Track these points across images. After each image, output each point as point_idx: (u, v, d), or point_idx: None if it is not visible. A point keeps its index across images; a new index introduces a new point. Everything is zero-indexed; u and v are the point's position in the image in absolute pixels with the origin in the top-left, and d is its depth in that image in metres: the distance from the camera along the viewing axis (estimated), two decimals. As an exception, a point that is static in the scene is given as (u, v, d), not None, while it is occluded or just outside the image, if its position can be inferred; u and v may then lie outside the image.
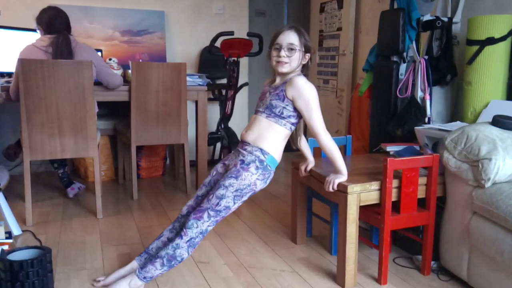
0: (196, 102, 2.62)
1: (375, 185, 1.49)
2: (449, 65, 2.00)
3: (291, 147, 1.60)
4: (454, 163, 1.48)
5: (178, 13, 3.30)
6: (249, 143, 1.46)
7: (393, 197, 1.49)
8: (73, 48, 2.13)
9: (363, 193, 1.47)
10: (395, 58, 2.11)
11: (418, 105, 1.96)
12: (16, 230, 1.89)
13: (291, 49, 1.42)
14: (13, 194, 2.45)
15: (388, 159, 1.44)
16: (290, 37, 1.43)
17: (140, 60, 3.05)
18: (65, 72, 2.00)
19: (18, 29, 2.59)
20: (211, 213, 1.41)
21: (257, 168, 1.43)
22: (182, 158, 2.64)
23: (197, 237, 1.40)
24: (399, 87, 2.05)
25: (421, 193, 1.55)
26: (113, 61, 2.56)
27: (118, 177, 2.82)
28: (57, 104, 2.01)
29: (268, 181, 1.48)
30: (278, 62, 1.44)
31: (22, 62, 1.93)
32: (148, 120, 2.40)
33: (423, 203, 1.57)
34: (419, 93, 1.98)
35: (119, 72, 2.55)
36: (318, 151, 1.91)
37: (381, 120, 2.13)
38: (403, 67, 2.09)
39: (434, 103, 2.01)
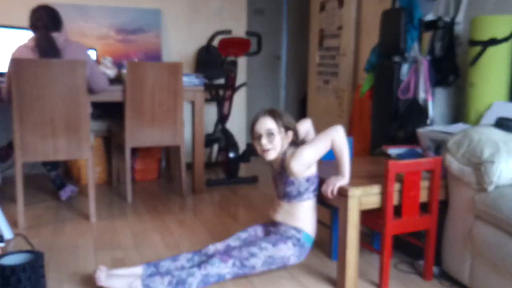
0: (193, 103, 2.58)
1: (376, 189, 1.46)
2: (452, 66, 1.98)
3: None
4: (456, 166, 1.46)
5: (175, 11, 3.26)
6: (281, 223, 1.52)
7: (395, 201, 1.47)
8: (63, 47, 2.09)
9: (364, 197, 1.44)
10: (397, 59, 2.08)
11: (420, 106, 1.93)
12: (8, 234, 1.86)
13: (270, 134, 1.45)
14: (5, 196, 2.41)
15: (390, 162, 1.41)
16: (266, 123, 1.45)
17: (135, 60, 3.01)
18: (58, 72, 1.96)
19: (12, 28, 2.54)
20: (237, 263, 1.42)
21: (294, 245, 1.47)
22: (178, 160, 2.61)
23: (213, 277, 1.39)
24: (401, 88, 2.02)
25: (423, 196, 1.53)
26: (108, 60, 2.52)
27: (112, 180, 2.79)
28: (50, 105, 1.98)
29: (302, 258, 1.52)
30: (262, 151, 1.46)
31: (15, 62, 1.90)
32: (143, 121, 2.36)
33: (425, 207, 1.55)
34: (421, 94, 1.95)
35: (113, 71, 2.50)
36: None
37: (382, 121, 2.11)
38: (405, 67, 2.06)
39: (436, 104, 1.99)
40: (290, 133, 1.49)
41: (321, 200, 1.71)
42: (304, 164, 1.44)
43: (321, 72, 3.43)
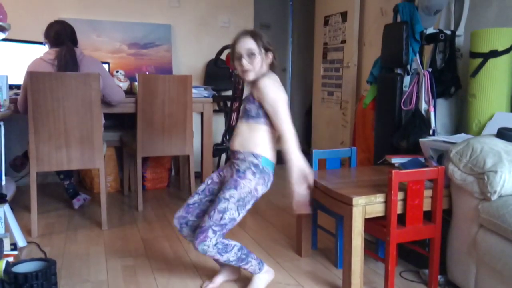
0: (202, 114, 2.64)
1: (380, 198, 1.48)
2: (453, 78, 2.01)
3: None
4: (459, 176, 1.48)
5: (184, 26, 3.36)
6: (239, 151, 1.44)
7: (399, 210, 1.49)
8: (79, 61, 2.16)
9: (368, 206, 1.47)
10: (399, 71, 2.12)
11: (423, 117, 1.96)
12: (21, 242, 1.89)
13: (251, 54, 1.41)
14: (20, 205, 2.47)
15: (393, 171, 1.43)
16: (247, 43, 1.41)
17: (147, 73, 3.10)
18: (73, 84, 2.03)
19: (27, 42, 2.65)
20: (216, 228, 1.38)
21: (253, 173, 1.41)
22: (187, 170, 2.65)
23: (217, 248, 1.37)
24: (403, 99, 2.05)
25: (426, 205, 1.54)
26: (120, 73, 2.60)
27: (124, 188, 2.83)
28: (65, 116, 2.04)
29: (269, 184, 1.46)
30: (242, 72, 1.43)
31: (31, 75, 1.97)
32: (154, 131, 2.42)
33: (429, 216, 1.56)
34: (423, 105, 1.98)
35: (126, 84, 2.58)
36: (323, 163, 1.91)
37: (385, 132, 2.13)
38: (407, 79, 2.10)
39: (438, 115, 2.01)
40: (270, 55, 1.45)
41: (326, 208, 1.74)
42: (268, 92, 1.38)
43: (325, 84, 3.48)
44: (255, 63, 1.41)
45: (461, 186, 1.48)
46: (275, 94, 1.39)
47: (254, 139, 1.43)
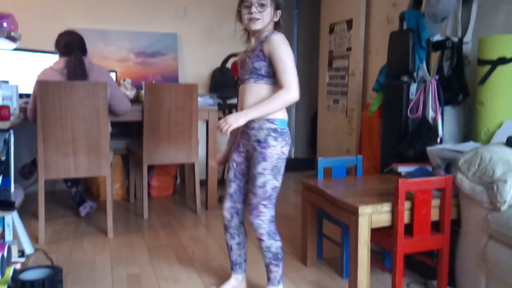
0: (207, 122, 2.65)
1: (386, 207, 1.46)
2: (461, 85, 1.99)
3: (298, 168, 1.59)
4: (468, 185, 1.45)
5: (191, 35, 3.40)
6: (252, 120, 1.40)
7: (406, 220, 1.47)
8: (88, 70, 2.20)
9: (374, 215, 1.45)
10: (405, 78, 2.11)
11: (430, 125, 1.94)
12: (28, 249, 1.91)
13: (262, 4, 1.38)
14: (28, 212, 2.49)
15: (400, 180, 1.42)
16: None
17: (153, 81, 3.13)
18: (81, 93, 2.06)
19: (38, 52, 2.70)
20: (264, 202, 1.41)
21: (275, 138, 1.40)
22: (192, 177, 2.66)
23: (270, 226, 1.42)
24: (410, 107, 2.04)
25: (434, 215, 1.52)
26: (127, 82, 2.63)
27: (129, 196, 2.85)
28: (73, 124, 2.06)
29: (290, 142, 1.46)
30: (250, 19, 1.39)
31: (40, 84, 2.00)
32: (159, 139, 2.44)
33: (437, 226, 1.54)
34: (431, 113, 1.96)
35: (132, 92, 2.61)
36: (329, 171, 1.90)
37: (392, 140, 2.11)
38: (413, 87, 2.08)
39: (446, 123, 1.99)
40: (279, 13, 1.43)
41: (332, 218, 1.72)
42: (280, 46, 1.36)
43: (331, 92, 3.47)
44: (264, 13, 1.38)
45: (470, 195, 1.46)
46: (288, 50, 1.38)
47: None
